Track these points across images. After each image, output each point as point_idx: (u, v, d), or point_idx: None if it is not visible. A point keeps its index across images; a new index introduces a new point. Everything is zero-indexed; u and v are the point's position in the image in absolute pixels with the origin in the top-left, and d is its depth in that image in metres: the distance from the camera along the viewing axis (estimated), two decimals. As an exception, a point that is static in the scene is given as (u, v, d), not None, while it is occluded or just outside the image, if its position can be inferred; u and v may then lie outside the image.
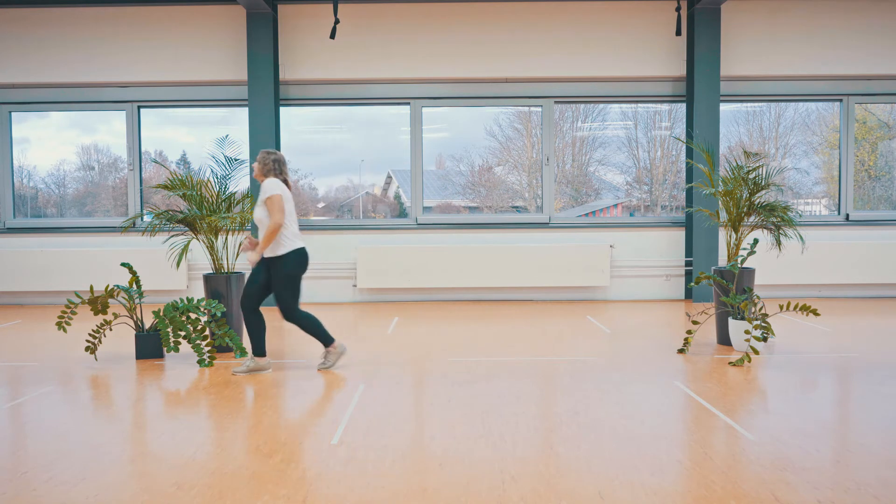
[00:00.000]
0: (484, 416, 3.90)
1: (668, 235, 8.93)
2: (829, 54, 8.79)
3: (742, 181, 5.80)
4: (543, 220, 8.95)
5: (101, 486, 2.97)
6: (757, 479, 2.98)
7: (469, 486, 2.94)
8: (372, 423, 3.78)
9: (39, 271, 8.68)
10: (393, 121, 9.26)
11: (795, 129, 9.42)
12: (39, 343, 6.26)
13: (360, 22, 8.74)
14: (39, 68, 8.78)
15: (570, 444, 3.44)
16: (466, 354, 5.58)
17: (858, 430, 3.63)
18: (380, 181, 9.87)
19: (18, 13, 8.75)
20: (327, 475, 3.07)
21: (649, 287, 8.91)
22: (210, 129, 9.10)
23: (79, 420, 3.94)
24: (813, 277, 8.75)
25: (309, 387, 4.63)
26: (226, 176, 6.02)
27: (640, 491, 2.87)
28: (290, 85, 8.83)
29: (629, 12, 8.78)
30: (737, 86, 8.86)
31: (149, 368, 5.22)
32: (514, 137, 9.56)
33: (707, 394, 4.35)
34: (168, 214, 5.85)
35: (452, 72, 8.80)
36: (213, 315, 5.49)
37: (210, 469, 3.15)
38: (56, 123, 9.33)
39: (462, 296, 8.89)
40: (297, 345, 6.09)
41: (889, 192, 9.48)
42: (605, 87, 8.92)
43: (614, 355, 5.52)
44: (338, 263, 8.86)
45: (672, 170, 9.50)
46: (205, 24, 8.74)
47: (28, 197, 9.41)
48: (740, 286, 5.69)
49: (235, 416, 3.96)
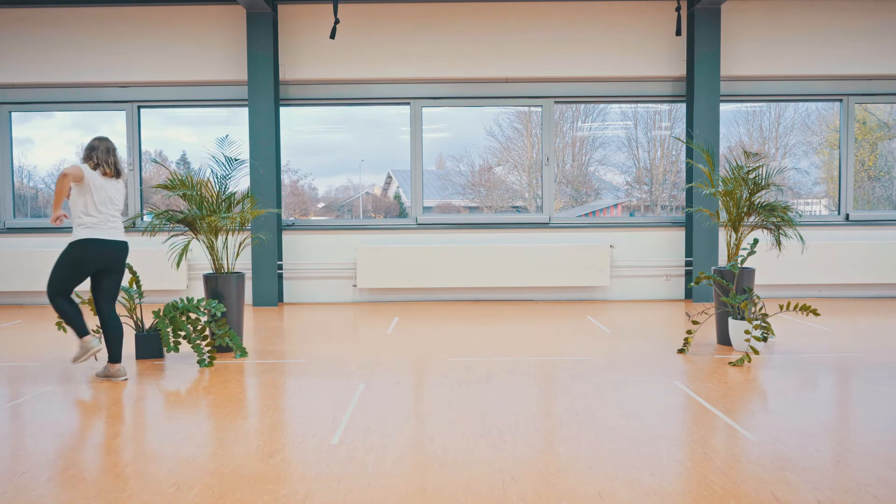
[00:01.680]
0: (484, 416, 3.90)
1: (668, 235, 8.93)
2: (829, 54, 8.79)
3: (742, 181, 5.80)
4: (543, 220, 8.95)
5: (101, 486, 2.97)
6: (757, 479, 2.98)
7: (469, 486, 2.94)
8: (372, 423, 3.78)
9: (39, 271, 8.67)
10: (393, 121, 9.26)
11: (795, 129, 9.42)
12: (39, 343, 6.26)
13: (360, 22, 8.74)
14: (39, 68, 8.78)
15: (570, 444, 3.44)
16: (466, 354, 5.58)
17: (858, 430, 3.63)
18: (380, 181, 9.87)
19: (18, 13, 8.75)
20: (327, 475, 3.07)
21: (649, 287, 8.91)
22: (213, 130, 9.10)
23: (79, 420, 3.94)
24: (813, 277, 8.75)
25: (309, 387, 4.63)
26: (226, 176, 6.02)
27: (640, 491, 2.87)
28: (290, 85, 8.83)
29: (629, 12, 8.78)
30: (737, 86, 8.87)
31: (149, 368, 5.22)
32: (514, 137, 9.56)
33: (707, 394, 4.35)
34: (168, 214, 5.85)
35: (452, 72, 8.80)
36: (213, 315, 5.49)
37: (210, 469, 3.15)
38: (59, 123, 9.34)
39: (462, 296, 8.89)
40: (297, 345, 6.09)
41: (889, 192, 9.48)
42: (605, 87, 8.92)
43: (614, 355, 5.52)
44: (338, 263, 8.86)
45: (672, 170, 9.50)
46: (205, 24, 8.74)
47: (28, 197, 9.41)
48: (740, 286, 5.69)
49: (235, 416, 3.96)
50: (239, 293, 5.90)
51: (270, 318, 7.63)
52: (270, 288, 8.59)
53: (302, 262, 8.86)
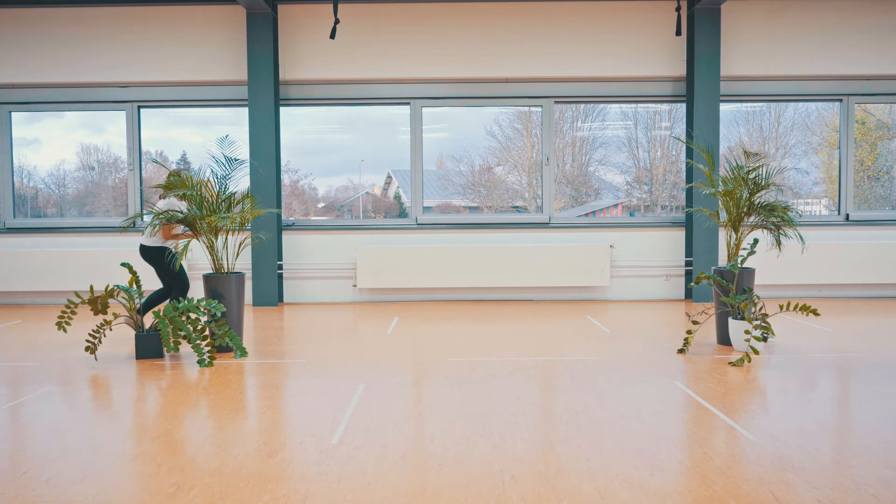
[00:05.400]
0: (484, 416, 3.90)
1: (668, 235, 8.93)
2: (829, 54, 8.79)
3: (742, 181, 5.80)
4: (543, 220, 8.95)
5: (101, 486, 2.97)
6: (757, 479, 2.98)
7: (469, 486, 2.94)
8: (372, 423, 3.78)
9: (39, 271, 8.68)
10: (393, 121, 9.26)
11: (795, 129, 9.42)
12: (39, 343, 6.26)
13: (360, 22, 8.74)
14: (39, 68, 8.78)
15: (570, 444, 3.44)
16: (466, 354, 5.58)
17: (858, 430, 3.63)
18: (380, 181, 9.87)
19: (18, 13, 8.75)
20: (327, 475, 3.07)
21: (649, 287, 8.91)
22: (217, 130, 9.10)
23: (79, 420, 3.94)
24: (813, 277, 8.75)
25: (309, 387, 4.63)
26: (226, 176, 6.02)
27: (640, 491, 2.87)
28: (290, 85, 8.83)
29: (629, 12, 8.78)
30: (737, 86, 8.87)
31: (149, 368, 5.22)
32: (514, 137, 9.56)
33: (707, 394, 4.35)
34: (168, 214, 5.85)
35: (452, 72, 8.80)
36: (213, 315, 5.49)
37: (210, 469, 3.15)
38: (67, 124, 9.32)
39: (462, 296, 8.89)
40: (297, 345, 6.09)
41: (889, 192, 9.49)
42: (605, 87, 8.92)
43: (614, 355, 5.52)
44: (338, 263, 8.86)
45: (672, 170, 9.50)
46: (205, 24, 8.74)
47: (28, 197, 9.41)
48: (740, 286, 5.69)
49: (235, 416, 3.96)
50: (239, 293, 5.90)
51: (270, 318, 7.63)
52: (270, 288, 8.59)
53: (302, 262, 8.86)
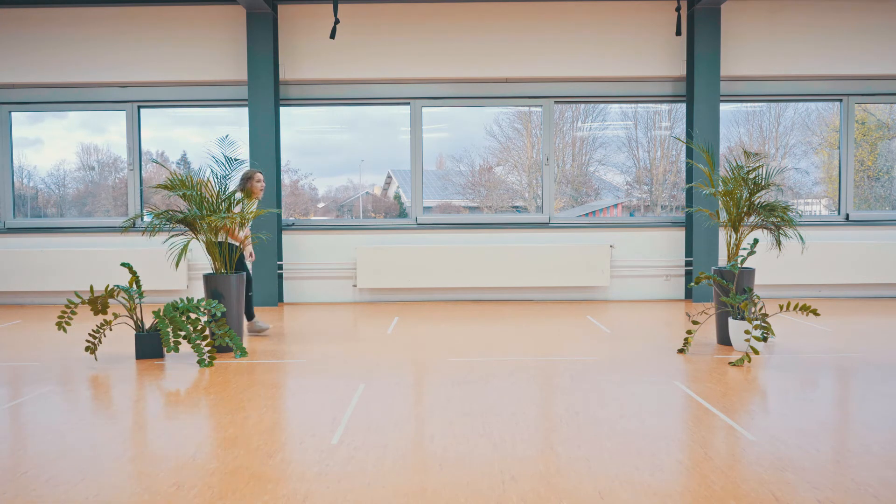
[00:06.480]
0: (484, 416, 3.90)
1: (668, 235, 8.93)
2: (829, 54, 8.79)
3: (742, 181, 5.80)
4: (543, 220, 8.95)
5: (101, 486, 2.97)
6: (757, 479, 2.98)
7: (469, 486, 2.94)
8: (372, 423, 3.78)
9: (39, 271, 8.68)
10: (393, 121, 9.26)
11: (795, 129, 9.42)
12: (39, 343, 6.26)
13: (360, 22, 8.74)
14: (39, 68, 8.78)
15: (569, 444, 3.44)
16: (466, 354, 5.58)
17: (858, 430, 3.63)
18: (380, 181, 9.87)
19: (18, 13, 8.75)
20: (327, 475, 3.07)
21: (649, 287, 8.91)
22: (219, 130, 9.09)
23: (79, 420, 3.94)
24: (813, 277, 8.75)
25: (309, 387, 4.63)
26: (226, 176, 6.02)
27: (640, 491, 2.87)
28: (290, 85, 8.83)
29: (629, 12, 8.78)
30: (737, 86, 8.87)
31: (149, 368, 5.22)
32: (514, 137, 9.56)
33: (707, 394, 4.35)
34: (168, 214, 5.85)
35: (452, 72, 8.80)
36: (213, 315, 5.49)
37: (210, 469, 3.15)
38: (69, 124, 9.32)
39: (462, 296, 8.89)
40: (297, 345, 6.09)
41: (889, 192, 9.49)
42: (605, 87, 8.92)
43: (614, 355, 5.52)
44: (338, 263, 8.86)
45: (672, 170, 9.50)
46: (205, 24, 8.74)
47: (28, 197, 9.41)
48: (740, 286, 5.69)
49: (235, 417, 3.96)
50: (239, 293, 5.90)
51: (270, 318, 7.63)
52: (270, 288, 8.59)
53: (302, 262, 8.86)
